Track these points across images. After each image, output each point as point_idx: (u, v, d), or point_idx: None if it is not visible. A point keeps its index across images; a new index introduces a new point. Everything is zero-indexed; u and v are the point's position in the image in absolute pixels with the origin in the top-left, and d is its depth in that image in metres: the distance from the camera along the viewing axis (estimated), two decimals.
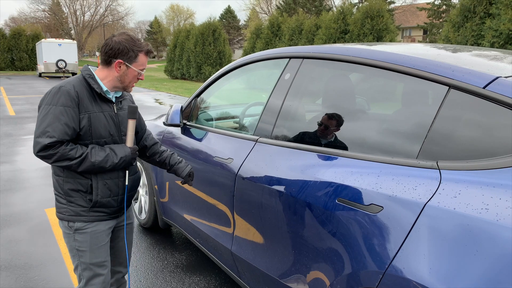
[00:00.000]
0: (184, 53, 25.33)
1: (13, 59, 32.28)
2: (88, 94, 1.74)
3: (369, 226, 1.44)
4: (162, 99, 14.56)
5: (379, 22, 15.44)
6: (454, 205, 1.24)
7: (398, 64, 1.60)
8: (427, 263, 1.24)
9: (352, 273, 1.49)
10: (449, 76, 1.44)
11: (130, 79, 1.80)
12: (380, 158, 1.54)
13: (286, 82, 2.10)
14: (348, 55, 1.83)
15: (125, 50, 1.73)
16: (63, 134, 1.64)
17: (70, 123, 1.66)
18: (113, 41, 1.74)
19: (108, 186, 1.80)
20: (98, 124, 1.75)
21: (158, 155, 2.12)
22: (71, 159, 1.66)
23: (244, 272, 2.22)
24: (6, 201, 4.24)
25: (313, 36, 17.80)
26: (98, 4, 56.91)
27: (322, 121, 1.90)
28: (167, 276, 2.88)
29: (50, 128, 1.63)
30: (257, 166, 2.03)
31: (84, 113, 1.71)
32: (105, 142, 1.78)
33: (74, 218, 1.79)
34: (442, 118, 1.42)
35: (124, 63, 1.74)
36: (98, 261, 1.85)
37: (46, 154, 1.64)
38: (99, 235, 1.84)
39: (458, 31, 11.10)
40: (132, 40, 1.75)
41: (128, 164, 1.82)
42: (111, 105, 1.83)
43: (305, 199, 1.71)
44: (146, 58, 1.82)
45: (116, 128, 1.83)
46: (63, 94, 1.67)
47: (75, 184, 1.76)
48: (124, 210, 1.95)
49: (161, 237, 3.51)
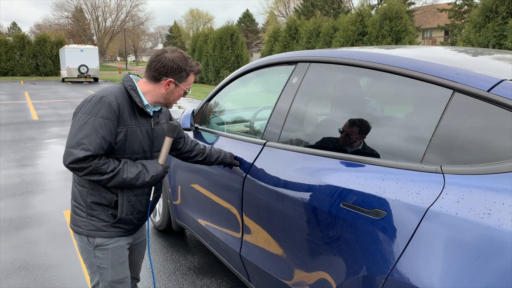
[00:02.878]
0: (202, 57, 25.57)
1: (37, 65, 33.21)
2: (129, 106, 1.66)
3: (373, 231, 1.43)
4: (180, 103, 14.74)
5: (398, 23, 15.24)
6: (457, 210, 1.23)
7: (402, 67, 1.59)
8: (429, 268, 1.23)
9: (356, 277, 1.48)
10: (454, 79, 1.42)
11: (176, 97, 1.74)
12: (384, 162, 1.54)
13: (293, 86, 2.11)
14: (354, 59, 1.83)
15: (178, 69, 1.67)
16: (99, 149, 1.56)
17: (107, 137, 1.58)
18: (166, 58, 1.66)
19: (132, 203, 1.75)
20: (133, 139, 1.68)
21: (201, 154, 2.13)
22: (102, 173, 1.58)
23: (253, 275, 2.23)
24: (27, 203, 4.37)
25: (330, 39, 17.71)
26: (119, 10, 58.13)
27: (329, 125, 1.91)
28: (179, 278, 2.91)
29: (86, 140, 1.54)
30: (265, 169, 2.05)
31: (122, 127, 1.63)
32: (137, 158, 1.72)
33: (95, 234, 1.71)
34: (447, 122, 1.40)
35: (174, 81, 1.69)
36: (119, 278, 1.81)
37: (78, 166, 1.55)
38: (120, 251, 1.79)
39: (480, 31, 10.86)
40: (185, 59, 1.70)
41: (157, 182, 1.76)
42: (149, 119, 1.76)
43: (311, 203, 1.72)
44: (194, 78, 1.77)
45: (150, 143, 1.77)
46: (104, 105, 1.58)
47: (99, 198, 1.69)
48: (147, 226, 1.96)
49: (174, 239, 3.56)
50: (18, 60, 32.44)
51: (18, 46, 32.35)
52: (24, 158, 6.35)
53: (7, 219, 3.93)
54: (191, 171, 2.81)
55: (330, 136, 1.91)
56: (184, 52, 1.74)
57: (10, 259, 3.13)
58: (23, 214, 4.07)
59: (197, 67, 1.75)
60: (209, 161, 2.18)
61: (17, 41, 32.48)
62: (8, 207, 4.24)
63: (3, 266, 3.03)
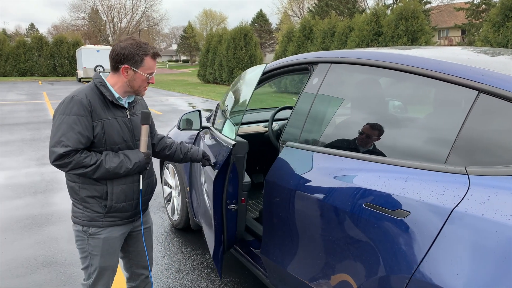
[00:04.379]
0: (216, 58, 25.68)
1: (55, 65, 33.84)
2: (101, 101, 1.76)
3: (396, 231, 1.44)
4: (195, 103, 14.84)
5: (414, 23, 15.07)
6: (483, 211, 1.23)
7: (426, 68, 1.60)
8: (454, 269, 1.23)
9: (378, 277, 1.49)
10: (479, 80, 1.42)
11: (139, 83, 1.80)
12: (408, 163, 1.54)
13: (314, 86, 2.13)
14: (377, 59, 1.83)
15: (130, 55, 1.73)
16: (77, 143, 1.67)
17: (83, 131, 1.69)
18: (118, 46, 1.75)
19: (124, 191, 1.84)
20: (111, 131, 1.77)
21: (168, 148, 2.13)
22: (86, 166, 1.69)
23: (272, 274, 2.25)
24: (48, 201, 4.47)
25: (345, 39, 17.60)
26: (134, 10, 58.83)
27: (350, 126, 1.91)
28: (198, 276, 2.95)
29: (64, 137, 1.66)
30: (285, 169, 2.07)
31: (98, 121, 1.73)
32: (119, 148, 1.81)
33: (89, 223, 1.83)
34: (471, 123, 1.40)
35: (130, 68, 1.75)
36: (106, 265, 1.92)
37: (62, 162, 1.67)
38: (111, 242, 1.89)
39: (498, 31, 10.68)
40: (137, 44, 1.75)
41: (142, 169, 1.84)
42: (124, 111, 1.85)
43: (332, 203, 1.73)
44: (154, 62, 1.81)
45: (130, 133, 1.85)
46: (76, 104, 1.69)
47: (91, 191, 1.80)
48: (140, 214, 1.99)
49: (192, 238, 3.60)
50: (36, 61, 33.13)
51: (36, 47, 33.04)
52: (44, 157, 6.48)
53: (29, 216, 4.03)
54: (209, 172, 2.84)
55: (352, 137, 1.92)
56: (138, 38, 1.80)
57: (34, 255, 3.21)
58: (44, 211, 4.16)
59: (152, 50, 1.78)
60: (177, 157, 2.15)
61: (35, 42, 33.18)
62: (30, 205, 4.34)
63: (27, 262, 3.11)
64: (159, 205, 4.37)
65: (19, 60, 32.45)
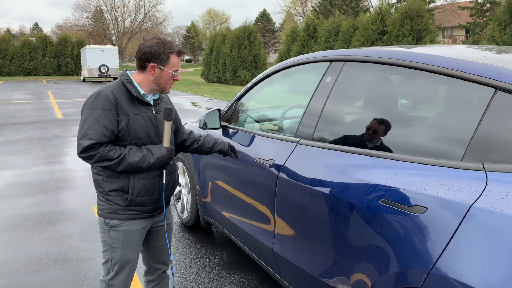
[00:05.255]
0: (220, 57, 25.73)
1: (59, 65, 33.97)
2: (126, 97, 1.83)
3: (414, 227, 1.45)
4: (199, 102, 14.88)
5: (419, 22, 15.06)
6: (502, 207, 1.24)
7: (443, 66, 1.61)
8: (473, 264, 1.25)
9: (395, 272, 1.51)
10: (496, 78, 1.43)
11: (166, 80, 1.86)
12: (424, 159, 1.55)
13: (327, 85, 2.14)
14: (392, 57, 1.85)
15: (156, 53, 1.80)
16: (102, 136, 1.74)
17: (108, 125, 1.75)
18: (145, 46, 1.82)
19: (145, 186, 1.88)
20: (136, 126, 1.83)
21: (196, 141, 2.25)
22: (110, 159, 1.75)
23: (285, 271, 2.27)
24: (57, 199, 4.51)
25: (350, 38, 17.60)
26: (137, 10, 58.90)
27: (365, 123, 1.93)
28: (209, 273, 2.98)
29: (90, 131, 1.73)
30: (299, 167, 2.09)
31: (123, 116, 1.80)
32: (143, 143, 1.87)
33: (111, 216, 1.89)
34: (488, 120, 1.42)
35: (157, 66, 1.82)
36: (127, 259, 1.96)
37: (87, 155, 1.74)
38: (132, 234, 1.93)
39: (505, 29, 10.65)
40: (163, 43, 1.82)
41: (164, 163, 1.89)
42: (150, 107, 1.91)
43: (348, 199, 1.74)
44: (179, 59, 1.87)
45: (155, 129, 1.91)
46: (102, 98, 1.77)
47: (114, 184, 1.85)
48: (162, 209, 2.03)
49: (202, 235, 3.63)
50: (41, 60, 33.28)
51: (41, 46, 33.18)
52: (52, 156, 6.53)
53: (40, 213, 4.07)
54: (222, 169, 2.87)
55: (367, 134, 1.93)
56: (163, 37, 1.86)
57: (46, 252, 3.24)
58: (55, 209, 4.20)
59: (177, 48, 1.85)
60: (205, 149, 2.28)
61: (40, 41, 33.32)
62: (40, 202, 4.38)
63: (40, 259, 3.14)
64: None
65: (23, 60, 32.60)
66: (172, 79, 1.88)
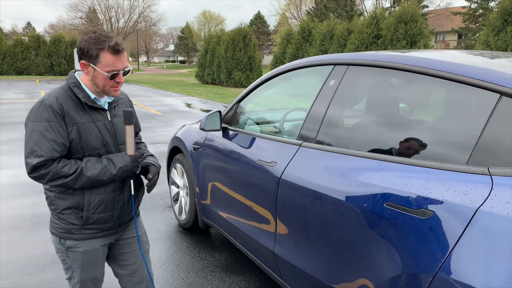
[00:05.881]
0: (215, 59, 25.71)
1: (52, 64, 33.69)
2: (75, 104, 1.60)
3: (419, 230, 1.47)
4: (193, 104, 14.86)
5: (413, 26, 15.19)
6: (508, 211, 1.26)
7: (447, 71, 1.63)
8: (479, 267, 1.27)
9: (400, 275, 1.52)
10: (501, 83, 1.46)
11: (102, 82, 1.60)
12: (429, 163, 1.57)
13: (330, 88, 2.16)
14: (395, 62, 1.87)
15: (85, 49, 1.55)
16: (51, 152, 1.53)
17: (57, 138, 1.54)
18: (79, 41, 1.57)
19: (103, 201, 1.69)
20: (88, 135, 1.62)
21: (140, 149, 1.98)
22: (65, 176, 1.55)
23: (286, 273, 2.27)
24: None
25: (344, 41, 17.70)
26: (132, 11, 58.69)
27: (369, 127, 1.94)
28: (208, 275, 2.97)
29: (37, 147, 1.52)
30: (302, 169, 2.09)
31: (72, 126, 1.58)
32: (99, 154, 1.66)
33: (66, 236, 1.69)
34: (494, 124, 1.44)
35: (88, 64, 1.58)
36: (90, 278, 1.79)
37: (38, 174, 1.54)
38: (92, 254, 1.75)
39: (498, 35, 10.78)
40: (95, 37, 1.55)
41: (129, 173, 1.70)
42: (104, 113, 1.69)
43: (352, 202, 1.75)
44: (114, 57, 1.57)
45: (112, 137, 1.71)
46: (46, 109, 1.55)
47: (67, 201, 1.65)
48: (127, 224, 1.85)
49: (200, 237, 3.62)
50: (34, 60, 32.99)
51: (34, 46, 32.90)
52: None
53: (36, 214, 4.03)
54: (222, 171, 2.87)
55: (371, 137, 1.95)
56: (104, 31, 1.59)
57: (43, 254, 3.21)
58: None
59: (109, 43, 1.54)
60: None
61: (33, 41, 33.04)
62: (36, 203, 4.34)
63: (37, 260, 3.11)
64: (165, 205, 4.39)
65: (16, 59, 32.28)
66: (114, 80, 1.61)
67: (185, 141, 3.50)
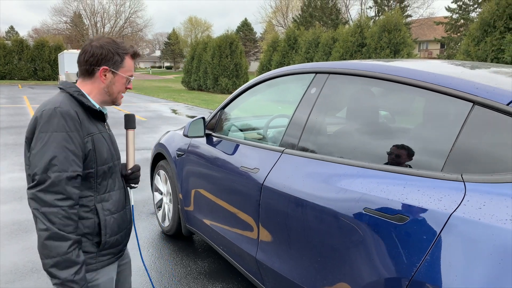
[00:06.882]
0: (201, 65, 25.72)
1: (35, 69, 33.23)
2: (84, 113, 1.47)
3: (396, 236, 1.50)
4: (179, 110, 14.81)
5: (397, 35, 15.48)
6: (479, 216, 1.30)
7: (423, 80, 1.68)
8: (453, 271, 1.30)
9: (378, 280, 1.55)
10: (473, 93, 1.51)
11: (119, 88, 1.56)
12: (405, 170, 1.61)
13: (312, 96, 2.19)
14: (374, 71, 1.91)
15: (109, 54, 1.49)
16: (73, 166, 1.37)
17: (78, 151, 1.39)
18: (93, 46, 1.49)
19: (116, 220, 1.55)
20: (101, 146, 1.50)
21: None
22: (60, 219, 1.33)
23: (268, 279, 2.28)
24: None
25: (329, 49, 17.93)
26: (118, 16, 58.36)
27: (348, 134, 1.98)
28: (191, 282, 2.96)
29: (56, 160, 1.34)
30: (284, 176, 2.11)
31: (87, 136, 1.45)
32: (109, 167, 1.54)
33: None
34: (467, 133, 1.48)
35: (110, 70, 1.51)
36: None
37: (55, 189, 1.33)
38: (109, 285, 1.58)
39: (478, 45, 11.07)
40: (115, 42, 1.53)
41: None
42: (104, 124, 1.60)
43: (332, 208, 1.78)
44: (133, 63, 1.58)
45: (114, 150, 1.61)
46: (63, 117, 1.37)
47: (79, 227, 1.43)
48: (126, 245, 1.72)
49: (183, 244, 3.60)
50: (16, 64, 32.51)
51: (17, 50, 32.44)
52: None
53: (16, 221, 3.96)
54: (205, 178, 2.87)
55: (351, 144, 1.98)
56: (113, 37, 1.57)
57: (22, 262, 3.16)
58: (31, 217, 4.09)
59: (132, 49, 1.56)
60: None
61: (16, 45, 32.58)
62: (16, 210, 4.26)
63: (16, 268, 3.06)
64: (149, 212, 4.36)
65: None
66: (125, 86, 1.58)
67: (168, 148, 3.49)
